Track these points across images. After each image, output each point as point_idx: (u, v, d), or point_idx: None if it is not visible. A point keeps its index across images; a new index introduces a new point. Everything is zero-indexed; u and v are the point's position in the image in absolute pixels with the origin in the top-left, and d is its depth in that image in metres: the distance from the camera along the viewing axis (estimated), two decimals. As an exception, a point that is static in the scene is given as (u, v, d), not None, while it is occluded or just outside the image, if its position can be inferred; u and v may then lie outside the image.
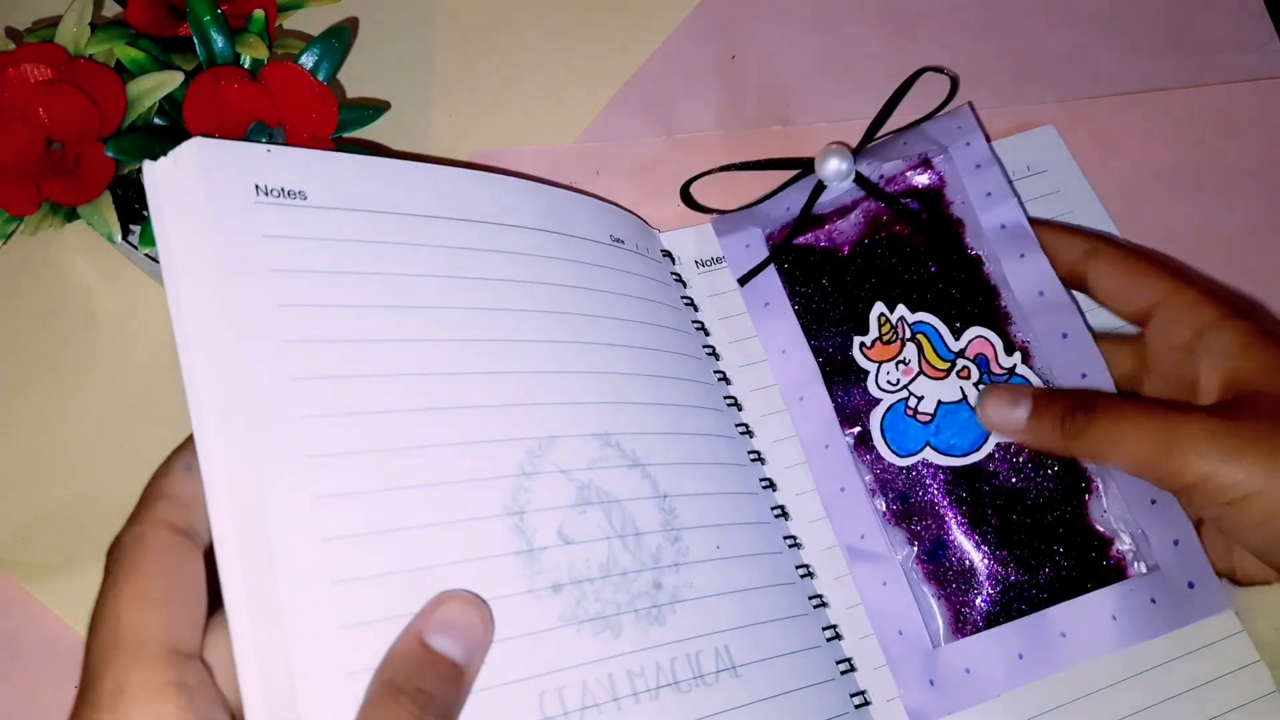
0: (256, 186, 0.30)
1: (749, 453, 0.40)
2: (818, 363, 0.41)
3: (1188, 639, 0.37)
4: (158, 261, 0.40)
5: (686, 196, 0.44)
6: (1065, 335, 0.39)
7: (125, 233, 0.40)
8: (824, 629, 0.37)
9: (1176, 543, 0.36)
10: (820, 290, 0.42)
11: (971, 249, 0.41)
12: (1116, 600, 0.36)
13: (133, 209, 0.40)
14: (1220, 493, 0.31)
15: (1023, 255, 0.40)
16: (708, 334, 0.42)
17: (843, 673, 0.36)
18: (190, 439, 0.27)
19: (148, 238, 0.37)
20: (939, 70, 0.44)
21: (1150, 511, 0.36)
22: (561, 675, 0.29)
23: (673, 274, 0.43)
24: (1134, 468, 0.33)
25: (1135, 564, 0.37)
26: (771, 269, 0.42)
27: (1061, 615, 0.36)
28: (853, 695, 0.36)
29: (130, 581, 0.25)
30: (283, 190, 0.30)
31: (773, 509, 0.39)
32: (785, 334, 0.41)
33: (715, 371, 0.41)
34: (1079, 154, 0.47)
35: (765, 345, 0.42)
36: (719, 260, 0.44)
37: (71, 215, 0.37)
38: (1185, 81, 0.49)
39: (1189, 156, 0.47)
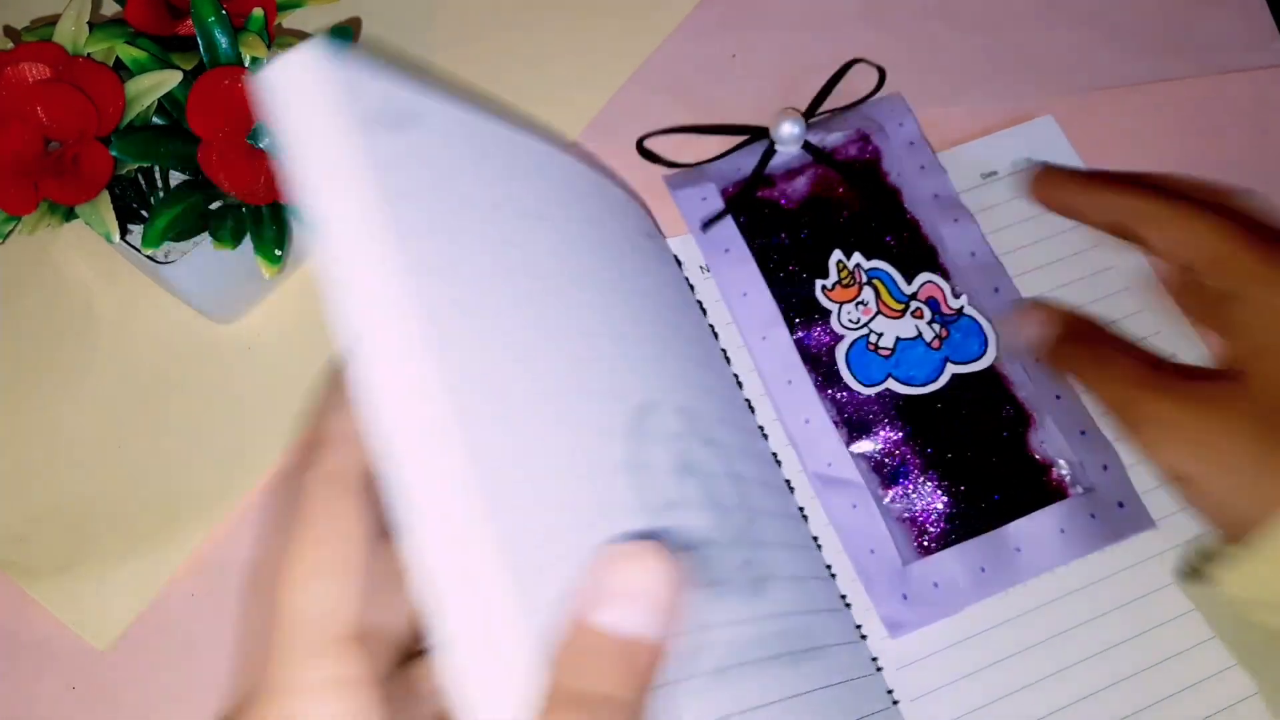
0: (375, 111, 0.25)
1: (772, 452, 0.40)
2: (778, 306, 0.43)
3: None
4: (156, 261, 0.40)
5: (642, 149, 0.46)
6: (997, 290, 0.43)
7: (124, 232, 0.40)
8: (856, 627, 0.38)
9: (1105, 467, 0.40)
10: (777, 240, 0.44)
11: (910, 213, 0.45)
12: (1062, 516, 0.39)
13: (131, 208, 0.40)
14: (1161, 468, 0.34)
15: (955, 220, 0.44)
16: (717, 337, 0.42)
17: (878, 669, 0.38)
18: (333, 382, 0.24)
19: (149, 238, 0.37)
20: (867, 62, 0.47)
21: (1081, 441, 0.40)
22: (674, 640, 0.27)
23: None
24: (1107, 411, 0.36)
25: (1074, 486, 0.40)
26: (729, 219, 0.44)
27: (1015, 531, 0.39)
28: (888, 691, 0.37)
29: (293, 553, 0.22)
30: (399, 117, 0.26)
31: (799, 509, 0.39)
32: (745, 278, 0.43)
33: (733, 374, 0.42)
34: (1078, 146, 0.47)
35: (724, 291, 0.43)
36: None
37: (70, 215, 0.37)
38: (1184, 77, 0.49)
39: (1187, 148, 0.48)
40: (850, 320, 0.42)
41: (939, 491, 0.40)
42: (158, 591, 0.41)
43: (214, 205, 0.39)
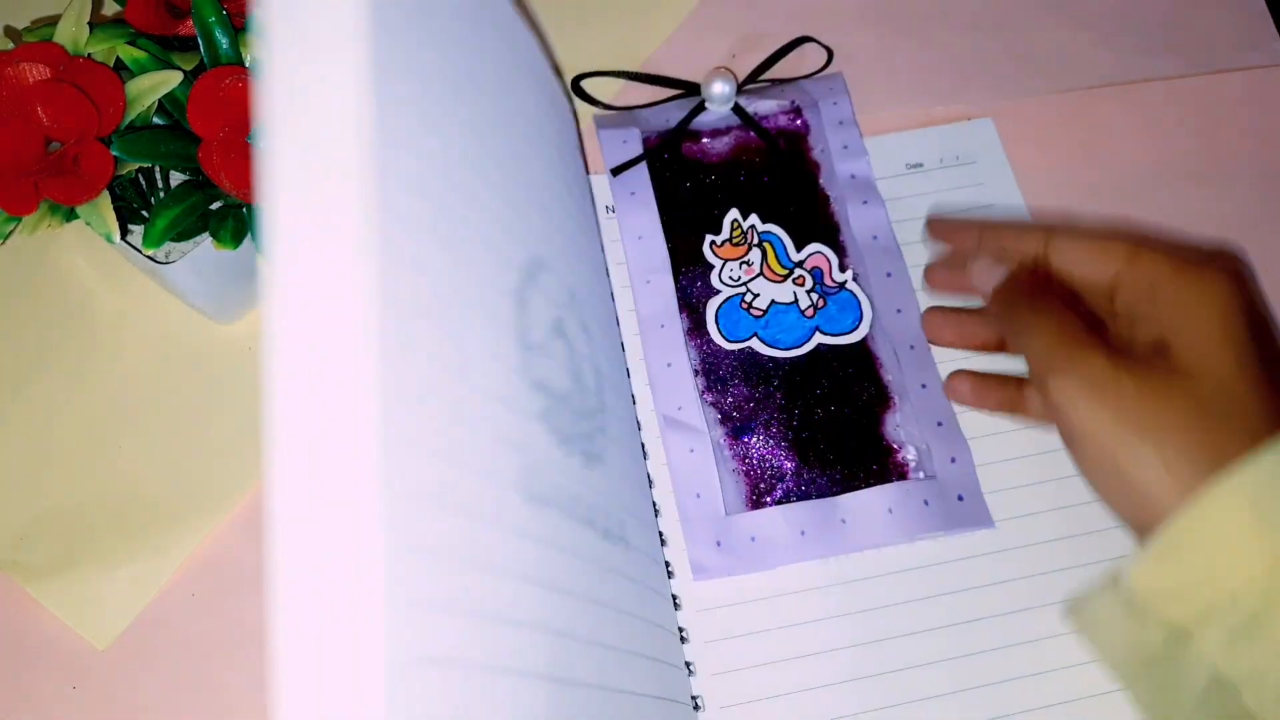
0: None
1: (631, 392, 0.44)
2: (669, 253, 0.45)
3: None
4: (157, 262, 0.40)
5: (578, 88, 0.48)
6: (889, 275, 0.44)
7: (124, 232, 0.40)
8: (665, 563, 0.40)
9: (953, 460, 0.41)
10: (683, 192, 0.47)
11: (823, 188, 0.47)
12: (894, 497, 0.40)
13: (131, 208, 0.40)
14: (1069, 423, 0.34)
15: (865, 202, 0.46)
16: (608, 274, 0.45)
17: (676, 606, 0.40)
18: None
19: (150, 238, 0.37)
20: (817, 42, 0.49)
21: (936, 431, 0.41)
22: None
23: None
24: (1029, 365, 0.36)
25: (916, 472, 0.41)
26: (643, 165, 0.46)
27: (844, 503, 0.40)
28: (679, 629, 0.39)
29: None
30: None
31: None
32: (645, 222, 0.45)
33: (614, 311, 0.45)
34: (1072, 144, 0.47)
35: (623, 231, 0.45)
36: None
37: (70, 215, 0.37)
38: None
39: (1186, 146, 0.48)
40: (730, 278, 0.44)
41: (782, 452, 0.41)
42: (158, 591, 0.41)
43: (214, 205, 0.39)
